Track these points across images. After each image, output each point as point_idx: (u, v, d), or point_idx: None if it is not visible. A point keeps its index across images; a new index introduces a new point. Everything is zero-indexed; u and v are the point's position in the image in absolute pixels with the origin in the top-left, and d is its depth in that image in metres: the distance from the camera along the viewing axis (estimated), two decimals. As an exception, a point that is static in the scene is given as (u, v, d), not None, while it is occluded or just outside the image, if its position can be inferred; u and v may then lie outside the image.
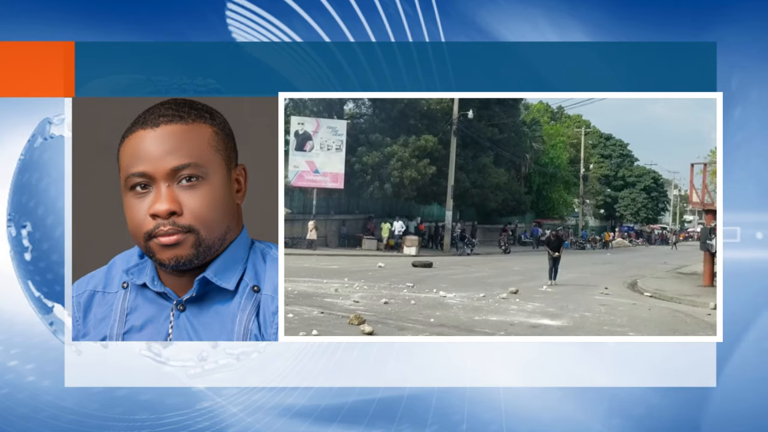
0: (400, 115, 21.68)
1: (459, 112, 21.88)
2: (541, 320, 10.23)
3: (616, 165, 30.88)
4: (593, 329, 9.74)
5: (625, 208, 30.69)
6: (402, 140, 21.29)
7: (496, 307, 11.34)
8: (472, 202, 24.06)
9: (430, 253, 20.84)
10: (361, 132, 21.82)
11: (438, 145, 21.65)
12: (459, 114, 21.90)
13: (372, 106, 22.28)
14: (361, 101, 22.41)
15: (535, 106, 28.29)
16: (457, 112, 21.87)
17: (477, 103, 22.17)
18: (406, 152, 21.08)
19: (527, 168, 27.22)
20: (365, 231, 21.60)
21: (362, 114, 22.65)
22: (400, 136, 21.41)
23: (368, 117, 22.52)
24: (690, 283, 15.47)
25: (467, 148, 23.18)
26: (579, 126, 29.64)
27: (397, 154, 21.03)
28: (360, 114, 22.69)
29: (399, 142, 21.25)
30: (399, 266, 17.23)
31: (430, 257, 18.75)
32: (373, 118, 22.29)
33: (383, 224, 20.59)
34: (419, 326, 9.41)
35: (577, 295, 13.34)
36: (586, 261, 21.96)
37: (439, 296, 12.27)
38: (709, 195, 16.04)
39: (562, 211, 29.27)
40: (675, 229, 32.40)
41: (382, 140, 21.27)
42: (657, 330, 9.93)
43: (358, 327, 8.96)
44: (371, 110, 22.41)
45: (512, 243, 25.28)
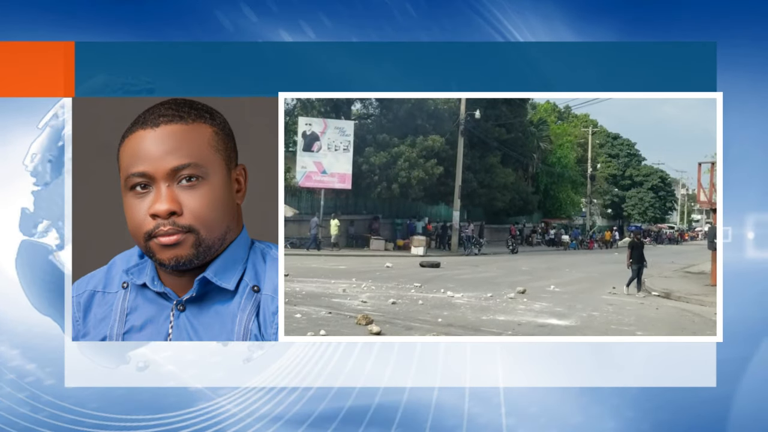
0: (407, 116, 21.68)
1: (466, 112, 21.87)
2: (548, 320, 10.24)
3: (624, 164, 30.81)
4: (601, 329, 9.74)
5: (632, 207, 30.61)
6: (409, 140, 21.29)
7: (503, 307, 11.36)
8: (480, 202, 24.05)
9: (437, 254, 20.85)
10: (369, 132, 21.83)
11: (445, 145, 21.64)
12: (466, 114, 21.88)
13: (379, 106, 22.29)
14: (368, 101, 22.43)
15: (542, 106, 28.26)
16: (464, 112, 21.86)
17: (484, 103, 22.15)
18: (413, 152, 21.08)
19: (534, 168, 27.20)
20: (372, 231, 21.63)
21: (369, 114, 22.68)
22: (408, 136, 21.40)
23: (375, 117, 22.54)
24: (698, 282, 15.42)
25: (474, 148, 23.16)
26: (586, 126, 29.58)
27: (404, 154, 21.03)
28: (367, 114, 22.72)
29: (406, 143, 21.25)
30: (407, 266, 17.24)
31: (437, 257, 18.76)
32: (380, 118, 22.29)
33: (331, 220, 20.46)
34: (427, 326, 9.43)
35: (585, 294, 13.33)
36: (594, 260, 21.91)
37: (447, 296, 12.29)
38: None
39: (570, 210, 29.21)
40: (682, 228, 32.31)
41: (389, 140, 21.27)
42: (665, 329, 9.92)
43: (366, 327, 8.99)
44: (378, 111, 22.43)
45: (520, 243, 25.26)
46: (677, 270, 17.71)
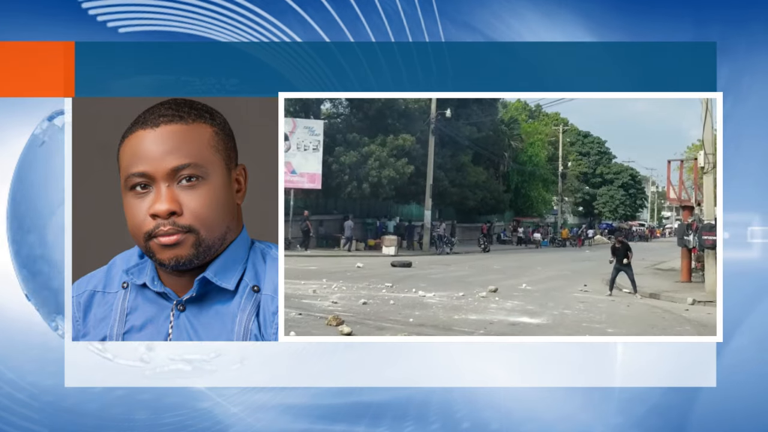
0: (377, 115, 21.62)
1: (437, 111, 21.86)
2: (520, 318, 10.24)
3: (594, 162, 31.03)
4: (572, 327, 9.74)
5: (603, 205, 30.84)
6: (380, 140, 21.23)
7: (475, 306, 11.34)
8: (451, 201, 24.06)
9: (409, 253, 20.82)
10: (339, 132, 21.72)
11: (416, 144, 21.62)
12: (437, 113, 21.87)
13: (349, 105, 22.21)
14: (338, 101, 22.34)
15: (513, 105, 28.37)
16: (435, 111, 21.84)
17: (455, 101, 22.16)
18: (383, 152, 21.02)
19: (506, 166, 27.28)
20: (342, 231, 21.53)
21: (339, 114, 22.58)
22: (378, 135, 21.34)
23: (345, 117, 22.45)
24: (668, 279, 15.56)
25: (445, 147, 23.17)
26: (557, 124, 29.75)
27: (374, 153, 20.96)
28: (337, 114, 22.61)
29: (377, 142, 21.18)
30: (378, 266, 17.17)
31: (409, 257, 18.73)
32: (350, 117, 22.22)
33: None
34: (398, 326, 9.36)
35: (557, 292, 13.36)
36: (565, 258, 22.02)
37: (418, 296, 12.24)
38: (686, 191, 16.14)
39: (541, 208, 29.36)
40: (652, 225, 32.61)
41: (359, 140, 21.19)
42: (636, 327, 9.96)
43: (337, 328, 8.90)
44: (348, 110, 22.34)
45: (491, 242, 25.32)
46: (648, 267, 17.83)
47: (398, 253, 20.14)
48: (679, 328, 9.72)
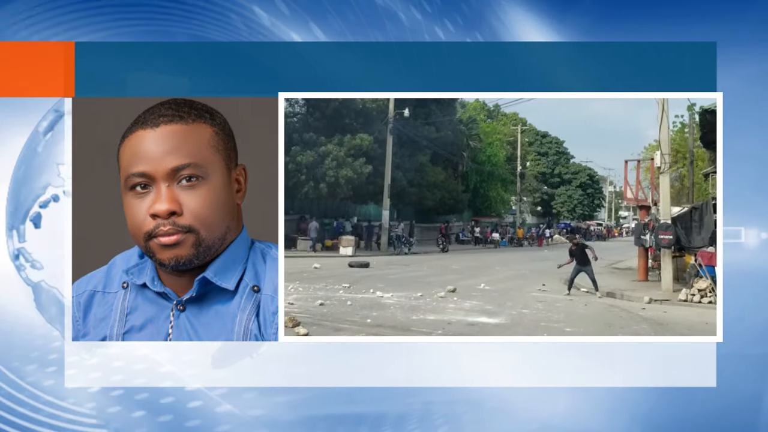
0: (334, 114, 21.47)
1: (395, 111, 21.80)
2: (478, 318, 10.20)
3: (553, 162, 31.31)
4: (530, 326, 9.72)
5: (561, 204, 31.13)
6: (337, 139, 21.07)
7: (433, 306, 11.28)
8: (410, 201, 24.04)
9: (367, 253, 20.75)
10: (295, 131, 21.49)
11: (374, 143, 21.53)
12: (395, 112, 21.82)
13: (306, 104, 22.03)
14: (294, 100, 22.14)
15: (471, 104, 28.48)
16: (393, 110, 21.78)
17: (413, 101, 22.13)
18: (341, 151, 20.87)
19: (464, 166, 27.35)
20: (299, 232, 21.36)
21: (296, 113, 22.35)
22: (335, 135, 21.19)
23: (302, 116, 22.23)
24: (625, 278, 15.68)
25: (403, 147, 23.12)
26: (515, 124, 29.92)
27: (332, 153, 20.79)
28: (293, 113, 22.38)
29: (334, 141, 21.02)
30: (335, 267, 17.04)
31: (367, 257, 18.65)
32: (306, 116, 22.02)
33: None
34: (356, 327, 9.27)
35: (515, 292, 13.35)
36: (524, 258, 22.11)
37: (376, 296, 12.15)
38: (643, 191, 16.28)
39: (500, 208, 29.52)
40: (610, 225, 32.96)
41: (316, 139, 21.01)
42: (593, 326, 9.97)
43: (293, 329, 8.76)
44: (305, 109, 22.15)
45: (450, 242, 25.36)
46: (605, 266, 17.94)
47: (356, 254, 20.07)
48: (635, 327, 9.74)
